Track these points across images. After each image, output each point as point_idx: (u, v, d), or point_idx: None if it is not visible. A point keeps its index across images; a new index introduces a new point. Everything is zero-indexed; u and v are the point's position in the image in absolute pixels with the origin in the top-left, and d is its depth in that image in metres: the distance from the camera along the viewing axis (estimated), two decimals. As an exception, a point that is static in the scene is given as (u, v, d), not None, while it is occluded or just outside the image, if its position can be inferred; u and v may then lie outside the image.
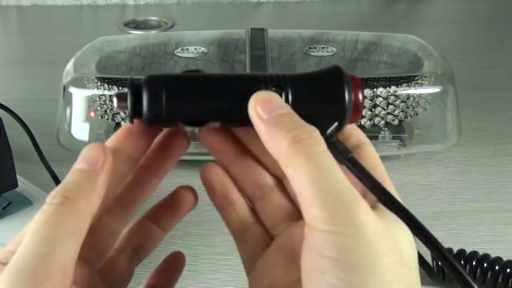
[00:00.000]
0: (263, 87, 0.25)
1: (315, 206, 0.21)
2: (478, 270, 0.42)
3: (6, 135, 0.43)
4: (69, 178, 0.23)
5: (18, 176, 0.45)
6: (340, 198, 0.21)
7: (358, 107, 0.25)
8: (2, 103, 0.59)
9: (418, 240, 0.23)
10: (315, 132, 0.23)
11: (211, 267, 0.46)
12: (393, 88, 0.56)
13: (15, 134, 0.51)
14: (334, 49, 0.66)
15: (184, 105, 0.25)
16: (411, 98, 0.57)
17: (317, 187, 0.21)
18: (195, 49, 0.65)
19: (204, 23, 1.10)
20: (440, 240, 0.23)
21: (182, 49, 0.65)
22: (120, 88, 0.55)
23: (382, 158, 0.26)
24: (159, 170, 0.27)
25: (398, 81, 0.56)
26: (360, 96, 0.25)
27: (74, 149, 0.58)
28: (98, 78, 0.57)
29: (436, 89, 0.58)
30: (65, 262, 0.21)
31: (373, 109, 0.56)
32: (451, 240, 0.48)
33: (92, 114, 0.57)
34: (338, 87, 0.25)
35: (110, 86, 0.55)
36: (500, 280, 0.41)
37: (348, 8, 1.19)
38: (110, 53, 0.65)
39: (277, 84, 0.25)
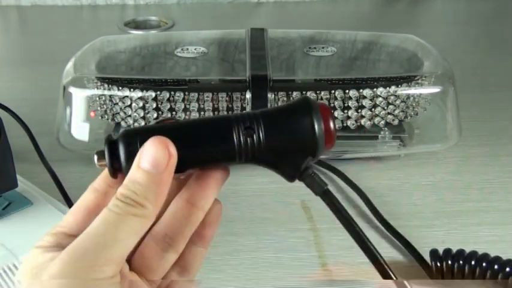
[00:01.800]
0: (235, 129, 0.25)
1: None
2: (477, 270, 0.42)
3: (6, 135, 0.43)
4: (138, 179, 0.25)
5: (18, 176, 0.45)
6: None
7: (330, 135, 0.25)
8: (2, 103, 0.59)
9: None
10: None
11: (211, 267, 0.46)
12: (393, 88, 0.56)
13: (15, 134, 0.51)
14: (334, 49, 0.66)
15: None
16: (411, 98, 0.57)
17: None
18: (195, 49, 0.65)
19: (204, 23, 1.10)
20: (440, 240, 0.23)
21: (182, 49, 0.65)
22: (120, 88, 0.55)
23: (382, 158, 0.26)
24: (203, 204, 0.28)
25: (398, 81, 0.57)
26: (331, 125, 0.26)
27: (74, 149, 0.58)
28: (98, 78, 0.57)
29: (436, 89, 0.58)
30: (123, 256, 0.24)
31: (373, 109, 0.56)
32: (451, 240, 0.48)
33: (92, 114, 0.57)
34: (306, 120, 0.25)
35: (110, 86, 0.55)
36: (499, 279, 0.41)
37: (348, 8, 1.18)
38: (110, 53, 0.65)
39: (249, 126, 0.25)
